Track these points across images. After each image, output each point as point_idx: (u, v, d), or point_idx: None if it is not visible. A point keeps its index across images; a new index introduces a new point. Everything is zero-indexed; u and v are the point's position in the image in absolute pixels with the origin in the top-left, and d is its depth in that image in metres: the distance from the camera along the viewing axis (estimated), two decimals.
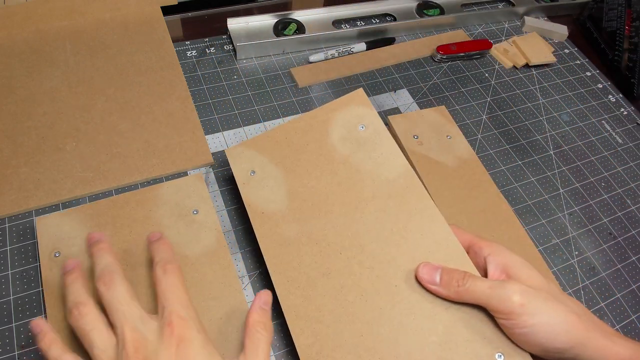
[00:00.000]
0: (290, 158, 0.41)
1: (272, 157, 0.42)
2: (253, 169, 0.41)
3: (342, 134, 0.42)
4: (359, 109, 0.43)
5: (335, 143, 0.42)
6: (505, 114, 0.59)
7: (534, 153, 0.56)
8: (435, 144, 0.49)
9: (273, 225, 0.39)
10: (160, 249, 0.36)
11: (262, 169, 0.41)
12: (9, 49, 0.53)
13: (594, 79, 0.66)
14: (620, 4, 0.69)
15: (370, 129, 0.42)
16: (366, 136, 0.41)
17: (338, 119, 0.43)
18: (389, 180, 0.39)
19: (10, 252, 0.40)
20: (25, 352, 0.36)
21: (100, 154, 0.46)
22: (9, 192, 0.43)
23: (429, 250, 0.36)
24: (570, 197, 0.52)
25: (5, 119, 0.47)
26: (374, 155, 0.41)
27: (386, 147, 0.41)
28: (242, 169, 0.42)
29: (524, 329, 0.30)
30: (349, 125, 0.42)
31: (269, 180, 0.41)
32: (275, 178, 0.41)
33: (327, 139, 0.42)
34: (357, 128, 0.42)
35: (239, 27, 0.61)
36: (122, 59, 0.55)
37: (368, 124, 0.42)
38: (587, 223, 0.51)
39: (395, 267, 0.36)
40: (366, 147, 0.41)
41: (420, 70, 0.62)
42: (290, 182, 0.40)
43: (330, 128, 0.42)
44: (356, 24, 0.66)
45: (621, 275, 0.47)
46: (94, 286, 0.33)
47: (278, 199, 0.40)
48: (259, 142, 0.43)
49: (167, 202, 0.42)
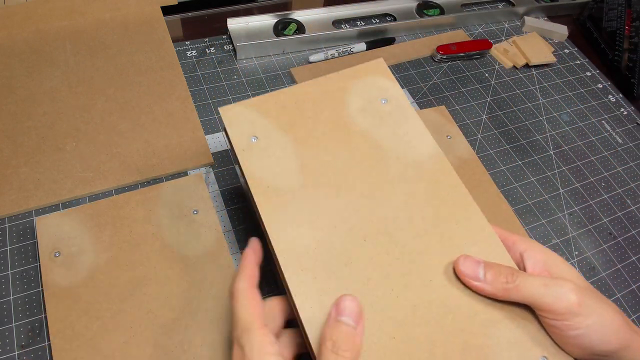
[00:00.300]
0: (301, 126, 0.36)
1: (279, 122, 0.36)
2: (255, 134, 0.35)
3: (361, 105, 0.37)
4: (381, 81, 0.38)
5: (353, 114, 0.37)
6: (505, 114, 0.59)
7: (534, 153, 0.56)
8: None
9: (282, 202, 0.33)
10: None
11: (267, 136, 0.35)
12: (9, 49, 0.53)
13: (594, 79, 0.66)
14: (620, 4, 0.69)
15: (393, 103, 0.37)
16: (389, 111, 0.37)
17: (357, 88, 0.38)
18: (416, 162, 0.35)
19: (10, 252, 0.40)
20: (25, 352, 0.36)
21: (100, 154, 0.46)
22: (9, 192, 0.43)
23: (465, 242, 0.32)
24: (570, 197, 0.52)
25: (5, 119, 0.47)
26: (398, 132, 0.36)
27: (412, 126, 0.37)
28: (241, 133, 0.35)
29: (578, 330, 0.28)
30: (369, 97, 0.37)
31: (275, 149, 0.35)
32: (283, 147, 0.35)
33: (345, 109, 0.37)
34: (378, 101, 0.37)
35: (239, 27, 0.61)
36: (122, 59, 0.55)
37: (391, 98, 0.38)
38: (587, 223, 0.51)
39: (428, 259, 0.31)
40: (389, 123, 0.37)
41: (420, 70, 0.62)
42: (302, 153, 0.35)
43: (347, 97, 0.37)
44: (356, 24, 0.66)
45: (621, 275, 0.47)
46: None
47: (287, 172, 0.34)
48: (263, 103, 0.36)
49: (167, 202, 0.42)
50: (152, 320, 0.37)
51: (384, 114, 0.37)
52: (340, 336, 0.26)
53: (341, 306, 0.27)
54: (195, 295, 0.38)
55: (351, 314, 0.27)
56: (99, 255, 0.39)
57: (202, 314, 0.37)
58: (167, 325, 0.37)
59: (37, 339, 0.36)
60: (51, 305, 0.36)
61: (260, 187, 0.33)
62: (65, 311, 0.36)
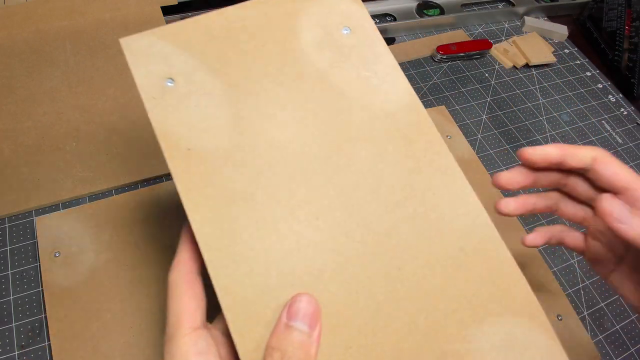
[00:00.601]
0: (235, 63, 0.27)
1: (205, 58, 0.27)
2: (171, 76, 0.26)
3: (317, 36, 0.28)
4: (342, 4, 0.29)
5: (306, 49, 0.28)
6: (505, 114, 0.59)
7: None
8: None
9: (207, 171, 0.25)
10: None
11: (188, 77, 0.26)
12: (9, 49, 0.53)
13: (594, 79, 0.66)
14: (620, 4, 0.69)
15: (358, 33, 0.29)
16: (353, 44, 0.29)
17: (312, 12, 0.29)
18: (387, 113, 0.27)
19: (10, 252, 0.40)
20: (25, 352, 0.36)
21: (100, 154, 0.46)
22: (9, 192, 0.43)
23: (443, 219, 0.26)
24: None
25: (5, 119, 0.47)
26: (365, 74, 0.28)
27: (382, 64, 0.28)
28: (150, 73, 0.26)
29: None
30: (327, 25, 0.29)
31: (199, 97, 0.26)
32: (209, 93, 0.26)
33: (295, 41, 0.28)
34: (339, 31, 0.29)
35: None
36: (122, 59, 0.54)
37: (356, 27, 0.29)
38: None
39: (398, 242, 0.25)
40: (353, 60, 0.28)
41: (420, 70, 0.62)
42: (236, 102, 0.26)
43: (299, 25, 0.28)
44: None
45: None
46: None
47: (215, 128, 0.25)
48: (182, 32, 0.27)
49: (167, 202, 0.42)
50: (152, 320, 0.36)
51: (347, 49, 0.28)
52: (292, 345, 0.21)
53: (293, 308, 0.22)
54: None
55: (305, 318, 0.22)
56: (99, 255, 0.39)
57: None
58: None
59: (37, 339, 0.36)
60: (51, 305, 0.36)
61: (177, 149, 0.25)
62: (65, 311, 0.36)
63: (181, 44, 0.27)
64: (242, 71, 0.27)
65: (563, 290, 0.44)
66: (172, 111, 0.25)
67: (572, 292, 0.45)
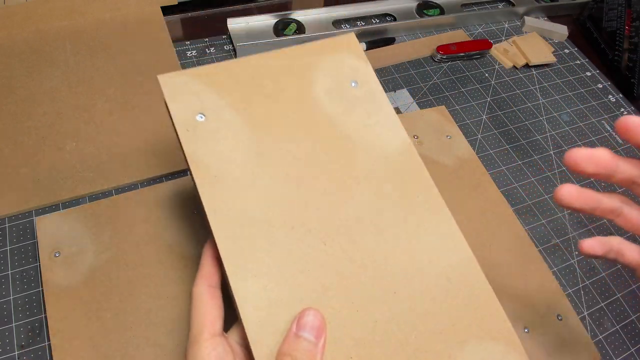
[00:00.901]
0: (257, 105, 0.31)
1: (232, 99, 0.30)
2: (202, 112, 0.30)
3: (329, 86, 0.33)
4: (351, 60, 0.34)
5: (320, 96, 0.32)
6: (505, 114, 0.59)
7: (534, 153, 0.56)
8: (435, 144, 0.49)
9: (231, 195, 0.28)
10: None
11: (216, 114, 0.30)
12: (9, 49, 0.53)
13: (594, 79, 0.66)
14: (620, 4, 0.69)
15: (364, 88, 0.33)
16: (359, 96, 0.33)
17: (324, 66, 0.33)
18: (386, 156, 0.31)
19: (10, 252, 0.40)
20: (25, 352, 0.36)
21: (100, 154, 0.46)
22: (9, 192, 0.43)
23: (433, 251, 0.29)
24: None
25: (5, 119, 0.47)
26: (369, 122, 0.32)
27: (383, 115, 0.32)
28: (184, 109, 0.29)
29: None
30: (338, 77, 0.33)
31: (225, 131, 0.29)
32: (235, 129, 0.30)
33: (310, 89, 0.32)
34: (348, 83, 0.33)
35: (239, 27, 0.61)
36: (122, 59, 0.55)
37: (362, 81, 0.33)
38: (587, 223, 0.51)
39: (394, 269, 0.28)
40: (359, 110, 0.32)
41: (420, 70, 0.62)
42: (258, 138, 0.30)
43: (314, 75, 0.33)
44: (356, 24, 0.66)
45: (621, 275, 0.47)
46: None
47: (239, 159, 0.29)
48: (213, 74, 0.31)
49: (167, 202, 0.42)
50: (152, 320, 0.37)
51: (354, 99, 0.33)
52: (300, 352, 0.24)
53: (302, 320, 0.25)
54: None
55: (312, 330, 0.25)
56: (99, 255, 0.39)
57: None
58: (167, 325, 0.37)
59: (37, 339, 0.36)
60: (51, 305, 0.36)
61: (205, 176, 0.28)
62: (65, 311, 0.36)
63: (212, 84, 0.30)
64: (263, 112, 0.31)
65: (563, 290, 0.44)
66: (203, 143, 0.29)
67: (572, 292, 0.45)
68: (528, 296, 0.41)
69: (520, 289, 0.40)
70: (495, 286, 0.30)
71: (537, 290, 0.42)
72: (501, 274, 0.41)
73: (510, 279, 0.41)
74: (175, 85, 0.30)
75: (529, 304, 0.40)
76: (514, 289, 0.40)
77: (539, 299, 0.41)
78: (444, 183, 0.46)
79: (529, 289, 0.41)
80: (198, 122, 0.29)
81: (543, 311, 0.41)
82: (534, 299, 0.40)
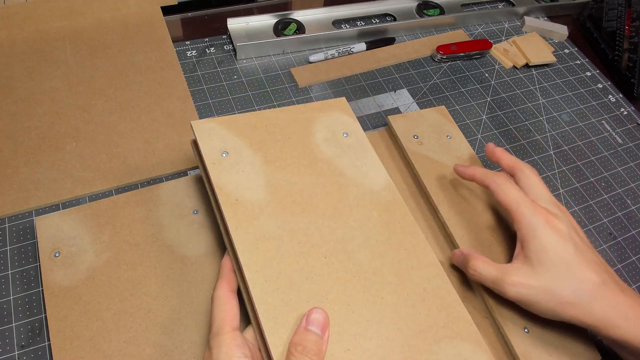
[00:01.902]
0: (269, 147, 0.38)
1: (249, 141, 0.38)
2: (226, 150, 0.37)
3: (326, 135, 0.41)
4: (343, 117, 0.43)
5: (319, 142, 0.40)
6: (505, 114, 0.59)
7: (534, 153, 0.56)
8: (436, 144, 0.50)
9: (249, 216, 0.34)
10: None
11: (237, 152, 0.37)
12: (9, 49, 0.53)
13: (594, 79, 0.66)
14: (620, 4, 0.69)
15: (353, 138, 0.42)
16: (350, 144, 0.41)
17: (322, 120, 0.42)
18: (372, 192, 0.39)
19: (10, 252, 0.40)
20: (25, 352, 0.36)
21: (100, 154, 0.46)
22: (9, 192, 0.43)
23: (412, 267, 0.36)
24: (570, 197, 0.52)
25: (5, 119, 0.47)
26: (357, 163, 0.40)
27: (370, 159, 0.41)
28: (212, 147, 0.37)
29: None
30: (333, 129, 0.41)
31: (244, 166, 0.37)
32: (252, 164, 0.37)
33: (311, 137, 0.40)
34: (341, 134, 0.41)
35: (239, 27, 0.61)
36: (122, 59, 0.55)
37: (352, 132, 0.42)
38: (587, 223, 0.51)
39: (380, 279, 0.34)
40: (350, 154, 0.40)
41: (420, 70, 0.62)
42: (270, 172, 0.37)
43: (314, 127, 0.41)
44: (356, 24, 0.66)
45: (621, 275, 0.47)
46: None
47: (255, 188, 0.36)
48: (233, 122, 0.39)
49: (167, 202, 0.42)
50: (152, 320, 0.37)
51: (345, 146, 0.41)
52: (310, 342, 0.29)
53: (311, 317, 0.30)
54: (195, 295, 0.38)
55: (319, 325, 0.30)
56: (99, 255, 0.39)
57: (202, 314, 0.37)
58: (167, 325, 0.37)
59: (37, 339, 0.36)
60: (51, 305, 0.36)
61: (228, 200, 0.35)
62: (65, 311, 0.36)
63: (233, 130, 0.38)
64: (274, 153, 0.38)
65: None
66: (226, 173, 0.36)
67: None
68: None
69: None
70: None
71: None
72: None
73: None
74: (204, 130, 0.37)
75: None
76: None
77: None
78: (445, 183, 0.46)
79: None
80: (222, 157, 0.37)
81: None
82: None
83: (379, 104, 0.57)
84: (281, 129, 0.40)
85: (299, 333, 0.30)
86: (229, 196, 0.35)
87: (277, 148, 0.38)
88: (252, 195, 0.35)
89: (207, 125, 0.38)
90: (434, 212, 0.46)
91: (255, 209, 0.35)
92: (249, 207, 0.35)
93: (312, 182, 0.38)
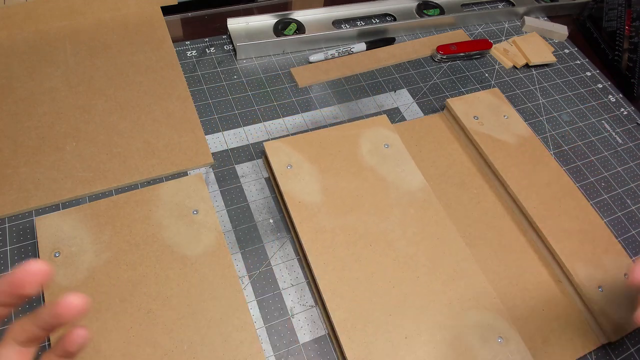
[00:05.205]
0: (324, 160, 0.47)
1: (308, 156, 0.47)
2: (290, 163, 0.46)
3: (369, 148, 0.49)
4: (385, 131, 0.50)
5: (364, 154, 0.48)
6: None
7: None
8: (495, 124, 0.53)
9: (310, 214, 0.43)
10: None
11: (298, 165, 0.46)
12: (9, 49, 0.53)
13: (594, 79, 0.66)
14: (620, 4, 0.69)
15: (393, 148, 0.49)
16: (390, 154, 0.49)
17: (366, 135, 0.50)
18: (410, 192, 0.46)
19: (10, 252, 0.40)
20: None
21: (100, 154, 0.46)
22: (9, 192, 0.43)
23: (443, 253, 0.43)
24: None
25: (5, 119, 0.47)
26: (397, 170, 0.47)
27: (407, 165, 0.48)
28: (279, 161, 0.46)
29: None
30: (375, 142, 0.49)
31: (304, 175, 0.46)
32: (310, 174, 0.46)
33: (357, 149, 0.48)
34: (382, 145, 0.49)
35: (239, 27, 0.61)
36: (122, 59, 0.55)
37: (392, 144, 0.49)
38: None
39: (416, 262, 0.42)
40: (390, 162, 0.48)
41: (420, 70, 0.62)
42: (325, 180, 0.46)
43: (359, 141, 0.49)
44: (356, 24, 0.66)
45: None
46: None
47: (313, 192, 0.45)
48: (294, 141, 0.48)
49: (167, 202, 0.42)
50: (152, 320, 0.37)
51: (386, 155, 0.48)
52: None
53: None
54: (195, 295, 0.38)
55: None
56: (99, 255, 0.39)
57: (202, 314, 0.37)
58: (167, 325, 0.37)
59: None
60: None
61: (294, 202, 0.44)
62: None
63: (295, 147, 0.48)
64: (328, 163, 0.47)
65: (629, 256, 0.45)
66: (291, 182, 0.45)
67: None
68: (598, 259, 0.45)
69: (589, 253, 0.45)
70: (568, 251, 0.44)
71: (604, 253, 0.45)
72: (572, 240, 0.45)
73: (581, 245, 0.45)
74: (273, 148, 0.47)
75: (600, 265, 0.44)
76: (585, 253, 0.45)
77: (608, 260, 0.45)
78: (510, 159, 0.50)
79: (598, 253, 0.45)
80: (287, 170, 0.46)
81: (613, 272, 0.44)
82: (604, 261, 0.45)
83: (379, 104, 0.57)
84: (333, 144, 0.48)
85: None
86: (294, 199, 0.44)
87: (329, 160, 0.47)
88: (311, 198, 0.44)
89: (275, 145, 0.47)
90: (502, 187, 0.49)
91: (314, 208, 0.43)
92: (309, 207, 0.44)
93: (359, 186, 0.46)
